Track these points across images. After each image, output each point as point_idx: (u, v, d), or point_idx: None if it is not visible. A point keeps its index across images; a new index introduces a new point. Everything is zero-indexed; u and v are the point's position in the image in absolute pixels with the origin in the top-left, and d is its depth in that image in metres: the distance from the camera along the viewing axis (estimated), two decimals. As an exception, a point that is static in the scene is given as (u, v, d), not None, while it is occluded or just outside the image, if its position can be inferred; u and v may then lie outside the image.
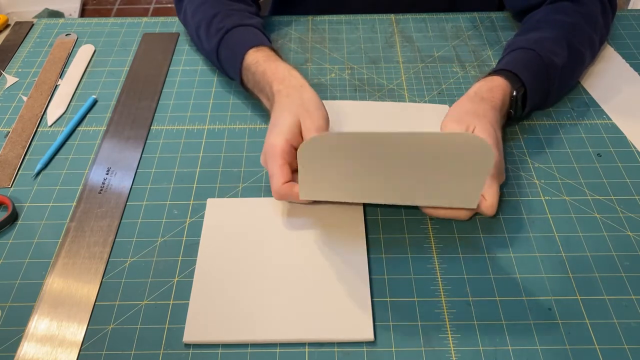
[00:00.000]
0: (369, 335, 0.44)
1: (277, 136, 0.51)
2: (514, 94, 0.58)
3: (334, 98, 0.66)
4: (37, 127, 0.64)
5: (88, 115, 0.65)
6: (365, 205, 0.54)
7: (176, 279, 0.49)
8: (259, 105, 0.65)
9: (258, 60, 0.60)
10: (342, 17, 0.79)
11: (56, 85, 0.69)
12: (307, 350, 0.44)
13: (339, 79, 0.69)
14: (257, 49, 0.61)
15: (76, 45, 0.75)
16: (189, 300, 0.47)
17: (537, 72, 0.60)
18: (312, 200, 0.52)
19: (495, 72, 0.60)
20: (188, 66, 0.71)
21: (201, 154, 0.60)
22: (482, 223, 0.53)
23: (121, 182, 0.57)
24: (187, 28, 0.73)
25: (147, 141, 0.62)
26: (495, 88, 0.57)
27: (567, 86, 0.66)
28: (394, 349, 0.44)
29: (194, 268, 0.49)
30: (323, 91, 0.67)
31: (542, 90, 0.60)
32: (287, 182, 0.49)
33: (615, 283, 0.48)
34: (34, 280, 0.49)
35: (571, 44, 0.62)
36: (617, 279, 0.48)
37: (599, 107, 0.64)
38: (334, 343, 0.44)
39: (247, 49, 0.61)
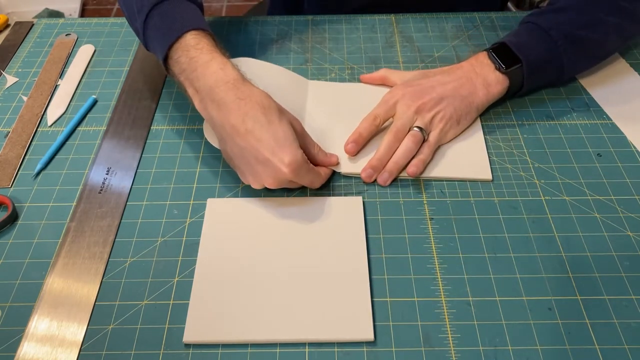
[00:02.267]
0: (369, 335, 0.44)
1: (292, 151, 0.49)
2: (491, 51, 0.61)
3: (334, 98, 0.66)
4: (37, 127, 0.64)
5: (88, 115, 0.65)
6: (365, 205, 0.54)
7: (176, 279, 0.49)
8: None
9: (202, 46, 0.55)
10: (342, 17, 0.79)
11: (56, 85, 0.69)
12: (307, 350, 0.44)
13: (339, 79, 0.69)
14: (198, 33, 0.56)
15: (76, 45, 0.75)
16: (189, 300, 0.47)
17: (527, 36, 0.61)
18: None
19: None
20: (188, 66, 0.71)
21: (201, 154, 0.60)
22: (482, 223, 0.53)
23: (121, 182, 0.57)
24: None
25: (147, 141, 0.62)
26: (470, 59, 0.64)
27: (598, 56, 0.66)
28: (394, 349, 0.44)
29: (194, 268, 0.49)
30: (323, 91, 0.67)
31: (543, 52, 0.61)
32: (324, 172, 0.56)
33: (615, 283, 0.48)
34: (34, 280, 0.49)
35: (591, 13, 0.61)
36: (617, 279, 0.48)
37: (599, 107, 0.64)
38: (334, 343, 0.44)
39: (188, 29, 0.56)
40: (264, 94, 0.52)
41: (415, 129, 0.57)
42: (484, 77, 0.61)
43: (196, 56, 0.54)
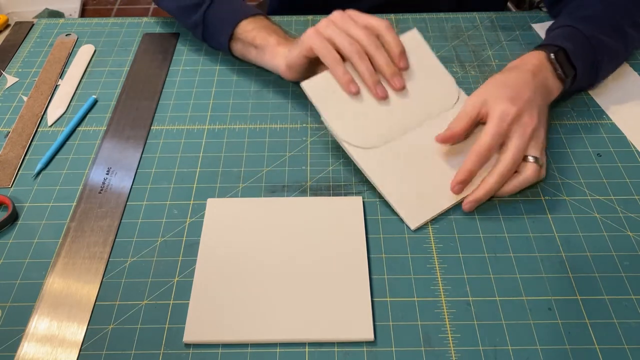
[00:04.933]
0: (369, 335, 0.44)
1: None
2: (552, 55, 0.58)
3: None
4: (37, 127, 0.64)
5: (88, 115, 0.65)
6: (365, 205, 0.54)
7: (176, 279, 0.49)
8: (259, 105, 0.65)
9: (244, 41, 0.66)
10: (342, 17, 0.79)
11: (56, 85, 0.69)
12: (307, 350, 0.44)
13: (339, 79, 0.69)
14: (238, 33, 0.66)
15: (76, 45, 0.75)
16: (189, 300, 0.47)
17: (578, 43, 0.60)
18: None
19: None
20: (188, 66, 0.72)
21: (201, 154, 0.60)
22: (482, 223, 0.53)
23: (121, 182, 0.57)
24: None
25: (147, 141, 0.62)
26: (527, 56, 0.59)
27: (615, 66, 0.66)
28: (394, 349, 0.44)
29: (194, 268, 0.49)
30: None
31: (588, 61, 0.60)
32: None
33: (615, 283, 0.48)
34: (34, 280, 0.49)
35: (616, 24, 0.62)
36: (617, 279, 0.48)
37: (599, 107, 0.64)
38: (334, 343, 0.44)
39: (229, 34, 0.66)
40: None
41: (531, 159, 0.52)
42: (547, 83, 0.58)
43: (245, 53, 0.68)
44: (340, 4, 0.83)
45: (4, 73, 0.71)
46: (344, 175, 0.57)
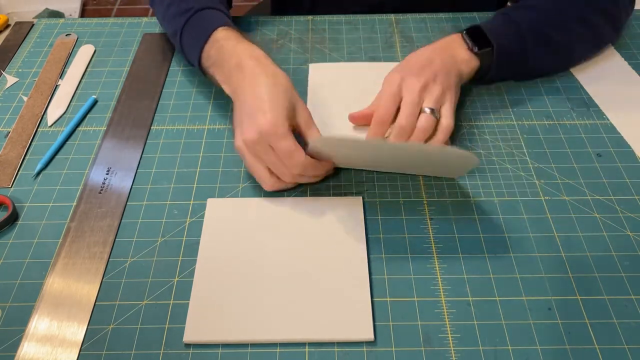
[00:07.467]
0: (369, 335, 0.44)
1: (278, 114, 0.50)
2: (464, 32, 0.62)
3: (334, 98, 0.66)
4: (37, 127, 0.64)
5: (88, 115, 0.65)
6: (365, 205, 0.54)
7: (176, 279, 0.49)
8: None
9: (229, 36, 0.60)
10: (342, 17, 0.79)
11: (56, 85, 0.69)
12: (307, 350, 0.44)
13: (339, 79, 0.69)
14: (227, 28, 0.61)
15: (76, 45, 0.75)
16: (189, 300, 0.47)
17: (499, 23, 0.63)
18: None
19: None
20: (188, 66, 0.71)
21: (201, 154, 0.60)
22: (482, 223, 0.53)
23: (121, 182, 0.57)
24: (155, 7, 0.72)
25: (147, 141, 0.62)
26: (445, 38, 0.63)
27: (561, 60, 0.68)
28: (394, 349, 0.44)
29: (194, 268, 0.49)
30: (323, 91, 0.67)
31: (511, 42, 0.62)
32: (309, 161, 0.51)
33: (615, 283, 0.48)
34: (34, 280, 0.49)
35: (559, 17, 0.64)
36: (617, 279, 0.48)
37: (599, 107, 0.64)
38: (334, 343, 0.44)
39: (217, 27, 0.61)
40: (282, 73, 0.55)
41: (427, 110, 0.55)
42: (454, 54, 0.61)
43: (224, 45, 0.59)
44: (343, 5, 0.83)
45: (4, 73, 0.71)
46: (344, 176, 0.57)
